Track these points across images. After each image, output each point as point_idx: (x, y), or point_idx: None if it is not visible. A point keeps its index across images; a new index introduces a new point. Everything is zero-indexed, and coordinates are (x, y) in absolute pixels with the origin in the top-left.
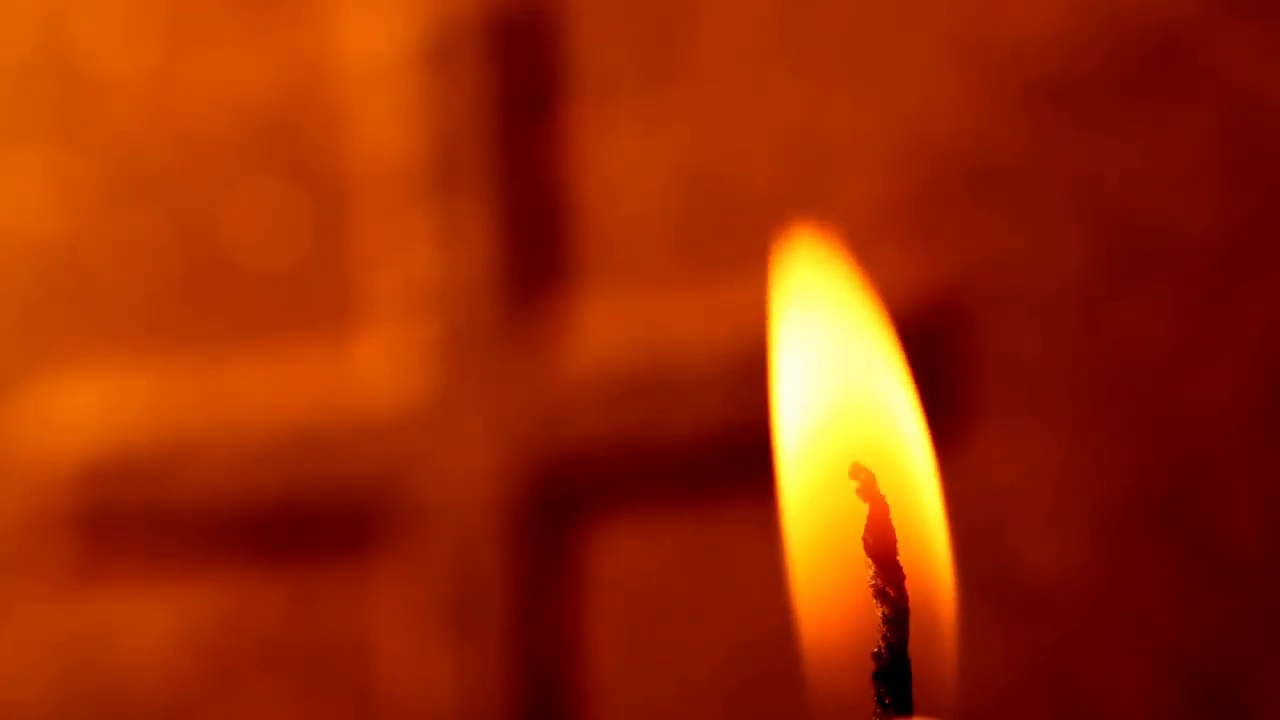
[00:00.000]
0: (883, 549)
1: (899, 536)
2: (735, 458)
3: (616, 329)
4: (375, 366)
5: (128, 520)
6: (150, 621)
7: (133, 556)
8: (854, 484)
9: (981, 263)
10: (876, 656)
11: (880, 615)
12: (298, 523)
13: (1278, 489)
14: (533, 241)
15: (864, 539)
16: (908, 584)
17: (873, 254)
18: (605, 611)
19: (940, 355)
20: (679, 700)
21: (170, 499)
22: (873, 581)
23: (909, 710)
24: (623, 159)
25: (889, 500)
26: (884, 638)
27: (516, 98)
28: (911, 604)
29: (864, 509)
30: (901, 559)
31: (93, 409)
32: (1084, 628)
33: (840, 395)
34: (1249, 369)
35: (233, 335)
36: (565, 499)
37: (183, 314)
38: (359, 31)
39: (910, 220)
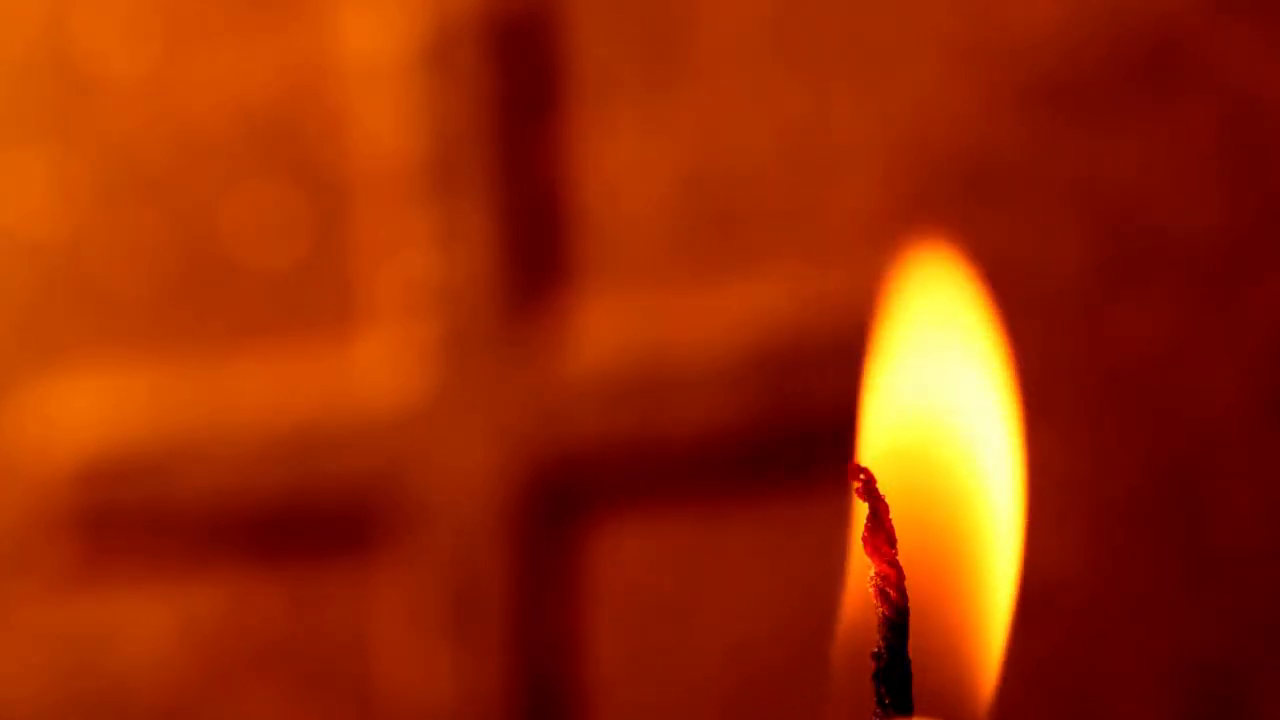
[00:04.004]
0: (883, 549)
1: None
2: (735, 458)
3: (616, 329)
4: (375, 366)
5: (128, 520)
6: (150, 621)
7: (133, 556)
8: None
9: (981, 263)
10: (876, 656)
11: (880, 615)
12: (298, 523)
13: (1278, 489)
14: (533, 241)
15: (864, 539)
16: (907, 584)
17: (872, 254)
18: (605, 611)
19: None
20: (679, 700)
21: (170, 499)
22: (873, 581)
23: (909, 710)
24: (623, 159)
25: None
26: (884, 638)
27: (516, 98)
28: (911, 605)
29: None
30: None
31: (93, 409)
32: (1084, 628)
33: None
34: (1250, 369)
35: (233, 335)
36: (565, 499)
37: (183, 314)
38: (359, 31)
39: (910, 220)
